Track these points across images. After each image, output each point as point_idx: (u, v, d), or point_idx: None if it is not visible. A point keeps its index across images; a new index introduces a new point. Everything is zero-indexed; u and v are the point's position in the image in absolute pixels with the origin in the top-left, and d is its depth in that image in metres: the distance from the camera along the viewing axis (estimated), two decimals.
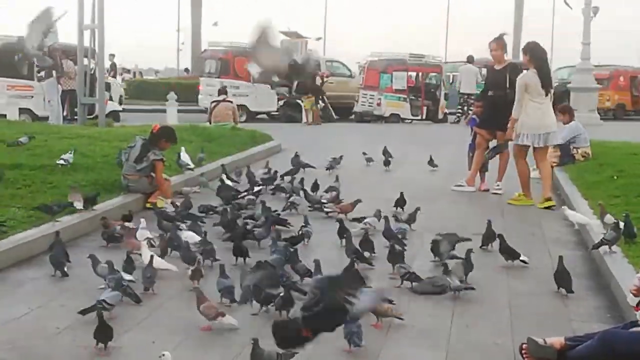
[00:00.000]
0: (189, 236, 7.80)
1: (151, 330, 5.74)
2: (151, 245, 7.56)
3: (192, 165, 12.15)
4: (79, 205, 8.82)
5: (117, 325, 5.61)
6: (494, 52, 11.88)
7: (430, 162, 14.08)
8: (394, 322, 5.96)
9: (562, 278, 6.85)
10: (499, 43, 11.84)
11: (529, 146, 11.17)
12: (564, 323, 6.16)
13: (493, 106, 11.81)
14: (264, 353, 4.73)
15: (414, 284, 6.81)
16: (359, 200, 9.66)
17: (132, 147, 10.34)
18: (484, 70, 19.79)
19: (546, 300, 6.80)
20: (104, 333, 5.24)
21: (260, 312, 6.03)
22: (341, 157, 13.88)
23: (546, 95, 10.92)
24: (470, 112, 13.02)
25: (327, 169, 13.14)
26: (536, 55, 11.06)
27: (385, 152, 14.35)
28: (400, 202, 9.96)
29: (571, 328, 5.95)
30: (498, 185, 12.01)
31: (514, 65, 11.90)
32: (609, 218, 8.69)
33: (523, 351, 5.29)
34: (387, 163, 14.16)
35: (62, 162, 10.76)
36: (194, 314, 5.78)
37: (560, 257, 6.97)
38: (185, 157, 12.12)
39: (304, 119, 26.13)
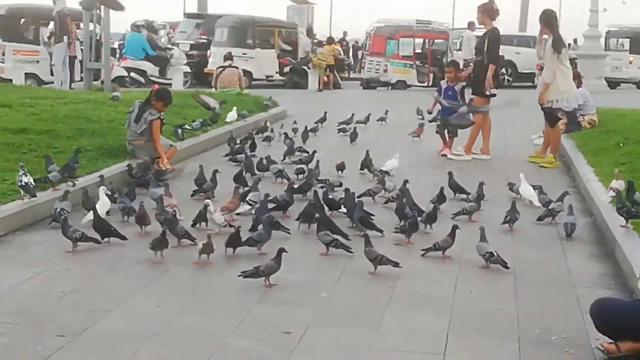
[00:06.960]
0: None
1: (156, 295, 5.77)
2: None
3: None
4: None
5: (122, 289, 5.66)
6: (477, 16, 12.10)
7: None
8: (397, 288, 5.99)
9: None
10: (479, 7, 12.03)
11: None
12: (567, 289, 6.17)
13: (472, 71, 12.17)
14: None
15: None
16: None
17: (131, 111, 10.33)
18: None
19: (550, 267, 6.80)
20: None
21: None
22: (387, 112, 15.83)
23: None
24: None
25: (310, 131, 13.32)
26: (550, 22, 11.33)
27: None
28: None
29: (575, 294, 5.96)
30: (458, 150, 12.03)
31: (492, 30, 11.91)
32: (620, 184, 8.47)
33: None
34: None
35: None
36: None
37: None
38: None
39: (311, 85, 26.04)
